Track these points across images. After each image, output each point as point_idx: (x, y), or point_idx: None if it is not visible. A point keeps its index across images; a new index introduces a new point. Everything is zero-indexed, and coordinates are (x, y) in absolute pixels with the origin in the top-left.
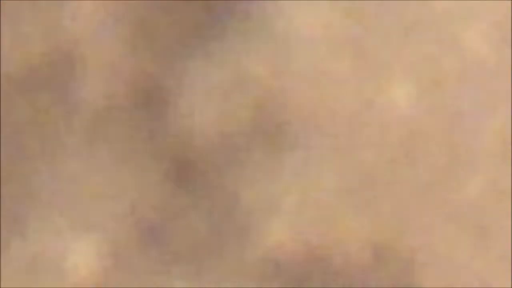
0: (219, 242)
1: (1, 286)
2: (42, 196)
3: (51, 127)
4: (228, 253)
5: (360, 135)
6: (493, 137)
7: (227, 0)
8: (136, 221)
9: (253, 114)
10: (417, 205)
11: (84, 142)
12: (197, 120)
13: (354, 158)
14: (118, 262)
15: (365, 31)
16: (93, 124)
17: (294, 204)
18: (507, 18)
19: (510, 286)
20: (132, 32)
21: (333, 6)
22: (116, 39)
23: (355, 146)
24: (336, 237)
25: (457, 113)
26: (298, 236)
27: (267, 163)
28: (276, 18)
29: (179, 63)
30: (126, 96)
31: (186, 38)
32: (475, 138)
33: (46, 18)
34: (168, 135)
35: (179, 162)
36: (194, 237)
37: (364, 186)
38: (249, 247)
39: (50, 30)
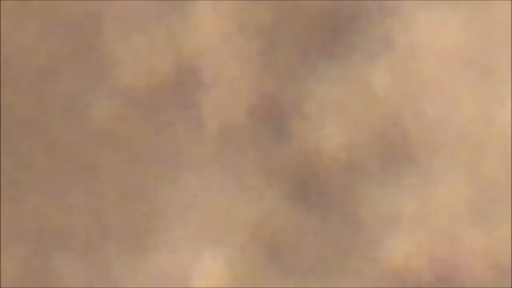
0: (343, 258)
1: None
2: (168, 213)
3: (175, 144)
4: (352, 270)
5: (480, 151)
6: None
7: (350, 19)
8: (260, 239)
9: (376, 130)
10: None
11: (207, 160)
12: (320, 140)
13: (474, 174)
14: (243, 279)
15: (490, 49)
16: (216, 142)
17: (416, 220)
18: None
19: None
20: (255, 49)
21: (460, 22)
22: (239, 56)
23: (475, 160)
24: (460, 252)
25: None
26: (421, 251)
27: (390, 178)
28: (401, 34)
29: (302, 82)
30: (248, 114)
31: (307, 56)
32: None
33: (166, 36)
34: (287, 154)
35: (300, 180)
36: (317, 254)
37: (486, 202)
38: (372, 263)
39: (174, 46)
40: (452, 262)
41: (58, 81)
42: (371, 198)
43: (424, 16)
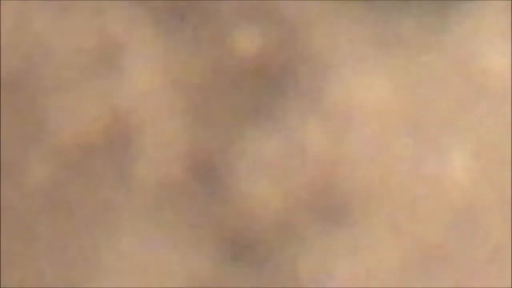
0: None
1: None
2: (105, 271)
3: (110, 202)
4: None
5: (417, 210)
6: None
7: (282, 76)
8: None
9: (311, 190)
10: (476, 281)
11: (141, 217)
12: (254, 196)
13: (411, 234)
14: None
15: (421, 105)
16: (150, 199)
17: (349, 282)
18: None
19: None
20: (187, 105)
21: (389, 80)
22: (172, 113)
23: (412, 222)
24: None
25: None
26: None
27: (323, 238)
28: (331, 93)
29: (235, 140)
30: (183, 172)
31: (241, 114)
32: None
33: (102, 91)
34: (222, 211)
35: (235, 237)
36: None
37: (420, 263)
38: None
39: (106, 103)
40: None
41: None
42: (308, 258)
43: (355, 77)
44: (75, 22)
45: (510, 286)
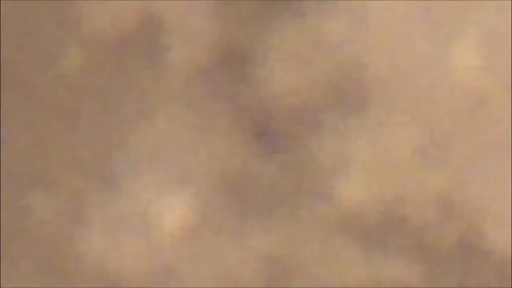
0: (298, 200)
1: (93, 236)
2: (138, 152)
3: (141, 88)
4: (306, 210)
5: (430, 96)
6: None
7: None
8: (221, 179)
9: (330, 78)
10: (485, 162)
11: (172, 101)
12: (277, 83)
13: (424, 117)
14: (205, 217)
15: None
16: (180, 86)
17: (368, 161)
18: None
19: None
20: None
21: None
22: (200, 6)
23: (425, 106)
24: (407, 193)
25: None
26: (371, 192)
27: (343, 124)
28: None
29: (260, 29)
30: (210, 59)
31: (267, 7)
32: None
33: None
34: (249, 98)
35: (259, 122)
36: (272, 192)
37: (432, 146)
38: (323, 204)
39: None
40: (399, 200)
41: (30, 34)
42: (324, 143)
43: None
44: None
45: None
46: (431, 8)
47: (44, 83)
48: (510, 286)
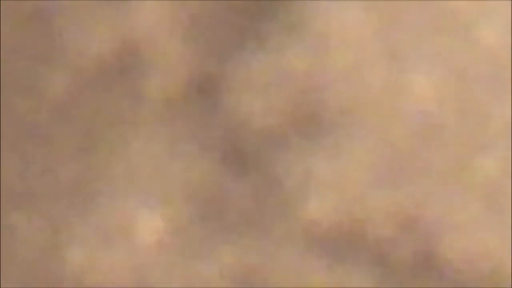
0: (264, 217)
1: (74, 249)
2: (115, 174)
3: (119, 114)
4: (271, 226)
5: (388, 120)
6: (504, 123)
7: (271, 1)
8: (193, 198)
9: (293, 104)
10: (438, 182)
11: (148, 127)
12: (244, 110)
13: (382, 140)
14: (179, 234)
15: (393, 27)
16: (155, 112)
17: (328, 181)
18: None
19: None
20: (187, 31)
21: (365, 6)
22: (175, 38)
23: (383, 130)
24: (367, 210)
25: (470, 101)
26: (333, 210)
27: (307, 147)
28: (315, 17)
29: (230, 60)
30: (183, 87)
31: (235, 39)
32: (487, 125)
33: (110, 18)
34: (220, 123)
35: (228, 147)
36: (242, 213)
37: (392, 165)
38: (289, 221)
39: (115, 29)
40: (360, 216)
41: (16, 60)
42: (289, 164)
43: (337, 5)
44: None
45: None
46: (388, 38)
47: (27, 106)
48: None
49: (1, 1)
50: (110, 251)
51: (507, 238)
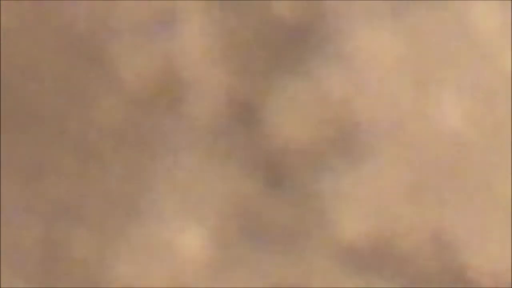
0: (305, 235)
1: (121, 265)
2: (159, 191)
3: (164, 135)
4: (312, 244)
5: (418, 141)
6: None
7: (309, 36)
8: (238, 214)
9: (332, 127)
10: (465, 200)
11: (192, 148)
12: (285, 133)
13: (413, 160)
14: (221, 250)
15: (421, 50)
16: (198, 134)
17: (365, 200)
18: None
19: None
20: (228, 57)
21: (395, 30)
22: (217, 64)
23: (414, 150)
24: (402, 228)
25: (496, 123)
26: (370, 227)
27: (343, 168)
28: (350, 42)
29: (269, 85)
30: (225, 111)
31: (275, 64)
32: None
33: (156, 47)
34: (260, 146)
35: (270, 167)
36: (281, 227)
37: (423, 186)
38: (325, 236)
39: (165, 58)
40: (396, 236)
41: (71, 83)
42: (326, 185)
43: (369, 33)
44: None
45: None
46: (417, 61)
47: (80, 126)
48: None
49: (52, 24)
50: (157, 266)
51: None
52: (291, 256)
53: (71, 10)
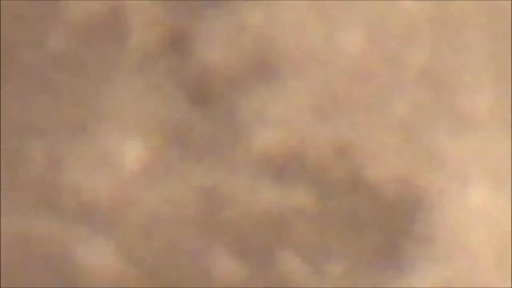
0: (226, 147)
1: (70, 173)
2: (103, 109)
3: (109, 62)
4: (228, 151)
5: (326, 68)
6: (416, 68)
7: None
8: (170, 129)
9: (250, 55)
10: (366, 117)
11: (131, 74)
12: (212, 60)
13: (322, 83)
14: (158, 158)
15: None
16: (138, 59)
17: (277, 116)
18: None
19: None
20: None
21: None
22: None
23: (323, 76)
24: (307, 139)
25: (392, 53)
26: (279, 139)
27: (261, 88)
28: None
29: (199, 17)
30: (161, 40)
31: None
32: (405, 71)
33: None
34: (191, 70)
35: (199, 88)
36: (207, 141)
37: (327, 103)
38: (244, 148)
39: None
40: (301, 144)
41: (23, 15)
42: (246, 102)
43: None
44: None
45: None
46: (324, 4)
47: (32, 57)
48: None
49: None
50: (100, 173)
51: (419, 166)
52: (216, 165)
53: None
